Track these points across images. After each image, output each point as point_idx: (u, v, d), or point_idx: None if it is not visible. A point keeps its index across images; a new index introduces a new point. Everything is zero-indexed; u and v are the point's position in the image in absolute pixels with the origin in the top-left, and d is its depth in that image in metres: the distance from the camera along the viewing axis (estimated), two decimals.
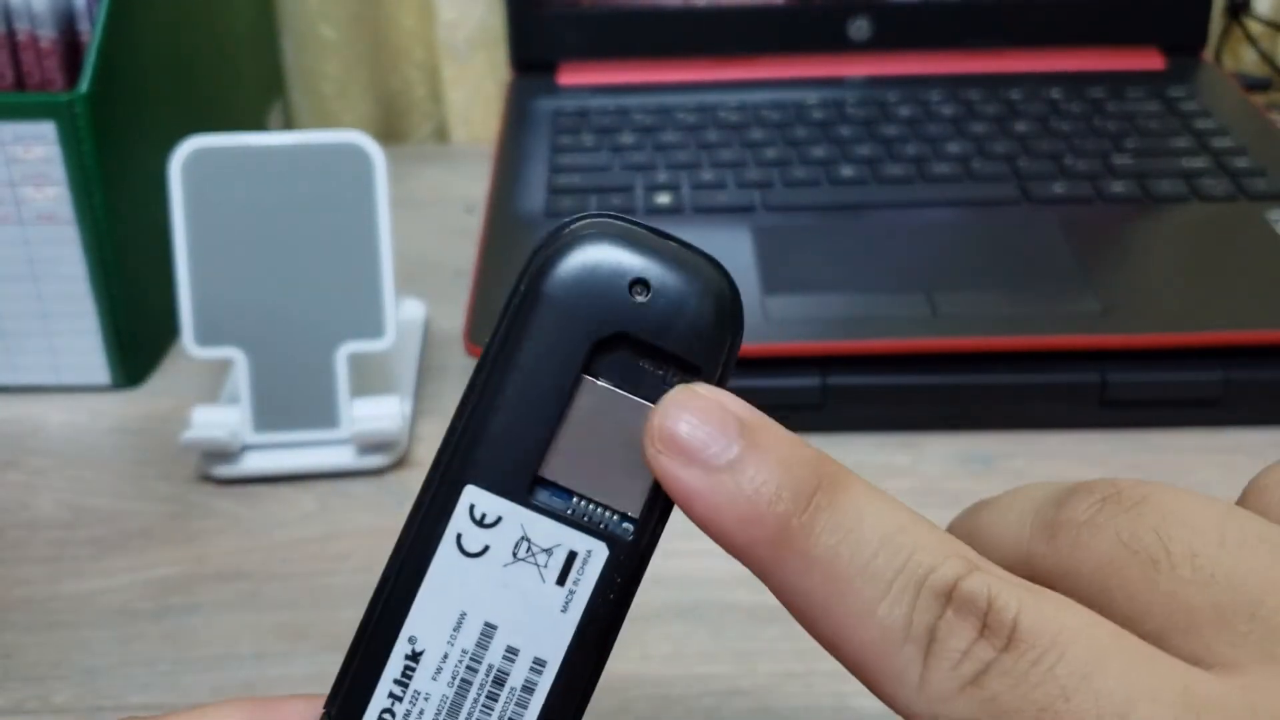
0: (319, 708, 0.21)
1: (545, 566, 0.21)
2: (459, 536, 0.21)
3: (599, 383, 0.21)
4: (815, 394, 0.46)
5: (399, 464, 0.46)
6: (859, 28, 0.65)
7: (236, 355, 0.44)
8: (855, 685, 0.37)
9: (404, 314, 0.53)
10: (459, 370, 0.51)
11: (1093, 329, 0.46)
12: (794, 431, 0.51)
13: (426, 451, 0.47)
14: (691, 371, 0.21)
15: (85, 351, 0.50)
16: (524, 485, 0.21)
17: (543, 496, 0.21)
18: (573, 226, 0.21)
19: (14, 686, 0.37)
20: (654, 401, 0.21)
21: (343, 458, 0.45)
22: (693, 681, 0.36)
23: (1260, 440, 0.46)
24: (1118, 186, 0.54)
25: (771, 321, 0.47)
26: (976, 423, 0.47)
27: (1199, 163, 0.56)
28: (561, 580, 0.21)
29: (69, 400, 0.50)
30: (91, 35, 0.47)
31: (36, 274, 0.48)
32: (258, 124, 0.68)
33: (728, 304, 0.21)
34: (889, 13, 0.65)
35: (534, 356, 0.21)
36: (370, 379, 0.47)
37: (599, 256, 0.21)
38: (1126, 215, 0.53)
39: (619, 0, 0.65)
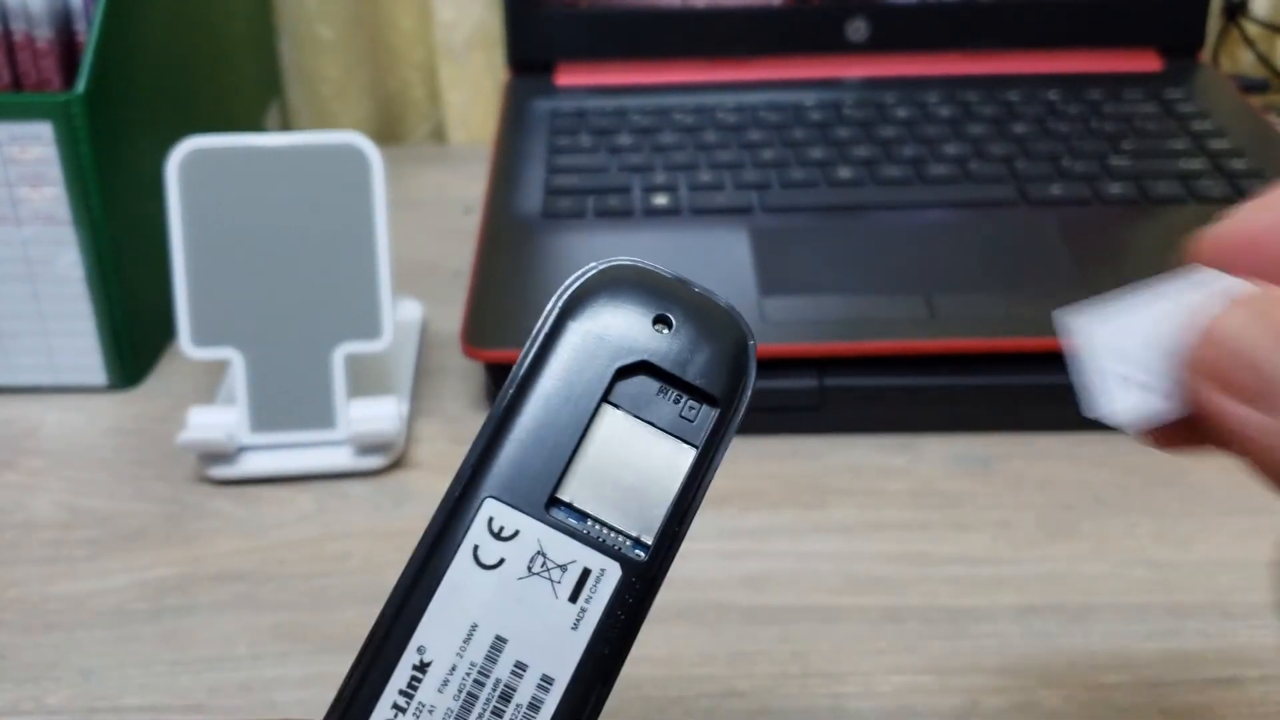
0: None
1: (559, 582, 0.21)
2: (475, 548, 0.21)
3: (619, 410, 0.22)
4: (813, 395, 0.46)
5: (396, 465, 0.46)
6: (856, 29, 0.65)
7: (234, 356, 0.44)
8: (852, 686, 0.37)
9: (401, 315, 0.53)
10: (456, 371, 0.51)
11: None
12: (791, 433, 0.51)
13: (424, 452, 0.47)
14: (709, 403, 0.22)
15: (82, 352, 0.50)
16: (542, 502, 0.21)
17: (560, 514, 0.21)
18: (601, 266, 0.23)
19: (8, 688, 0.37)
20: (670, 431, 0.22)
21: (340, 458, 0.45)
22: (689, 682, 0.36)
23: None
24: (1115, 188, 0.54)
25: (769, 323, 0.47)
26: (974, 424, 0.47)
27: (1196, 164, 0.56)
28: (574, 597, 0.21)
29: (66, 401, 0.50)
30: (88, 35, 0.47)
31: (33, 274, 0.48)
32: (255, 125, 0.68)
33: (744, 344, 0.23)
34: (886, 14, 0.65)
35: (559, 381, 0.22)
36: (367, 380, 0.47)
37: (625, 292, 0.23)
38: (1124, 217, 0.53)
39: (617, 1, 0.65)
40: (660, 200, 0.54)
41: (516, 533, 0.21)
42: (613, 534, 0.21)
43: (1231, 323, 0.20)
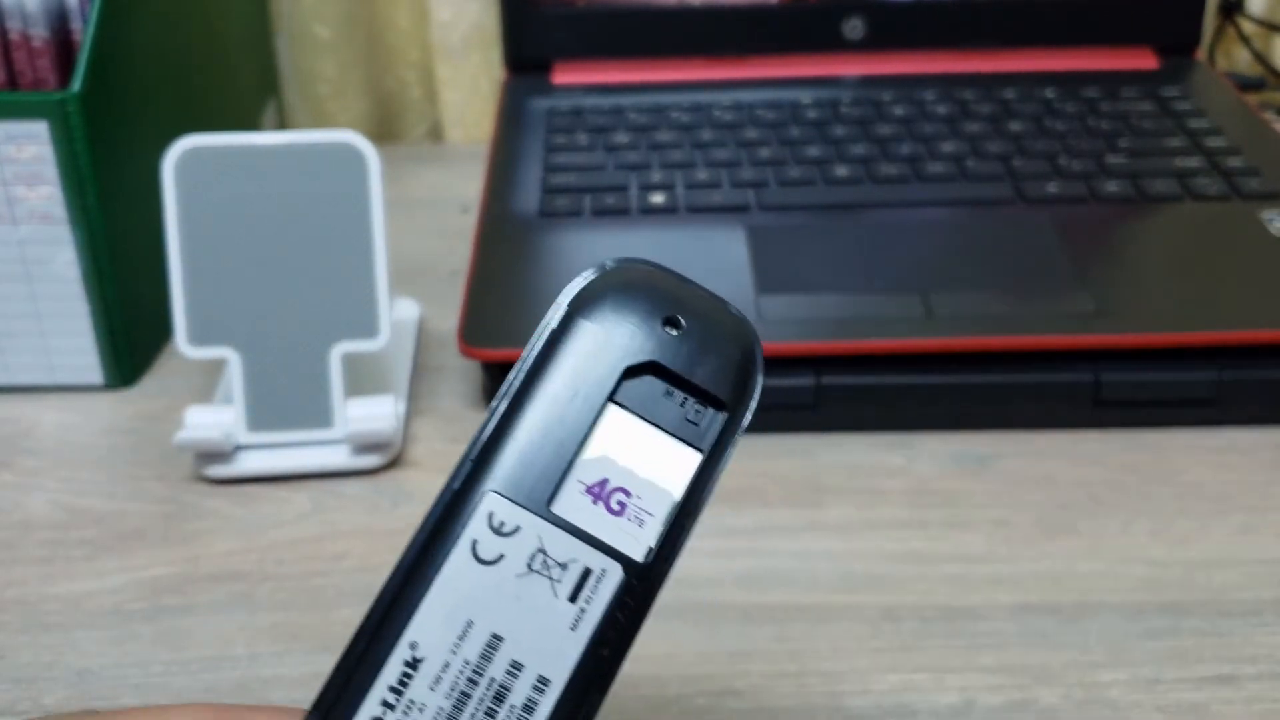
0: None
1: (559, 581, 0.21)
2: (475, 543, 0.21)
3: (625, 411, 0.22)
4: (809, 394, 0.46)
5: (393, 464, 0.46)
6: (853, 27, 0.65)
7: (230, 355, 0.44)
8: (849, 685, 0.37)
9: (398, 314, 0.53)
10: (453, 370, 0.51)
11: (1087, 329, 0.46)
12: (788, 432, 0.51)
13: (421, 452, 0.47)
14: (716, 407, 0.22)
15: (79, 351, 0.50)
16: (545, 499, 0.21)
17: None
18: (612, 265, 0.22)
19: (6, 688, 0.37)
20: (675, 434, 0.22)
21: (337, 458, 0.45)
22: (687, 681, 0.36)
23: (1254, 440, 0.46)
24: (1112, 186, 0.54)
25: (766, 321, 0.47)
26: (971, 423, 0.47)
27: (1193, 162, 0.56)
28: (574, 597, 0.21)
29: (62, 400, 0.50)
30: (84, 34, 0.47)
31: (30, 274, 0.48)
32: (252, 124, 0.68)
33: (752, 349, 0.22)
34: (883, 12, 0.65)
35: (565, 378, 0.22)
36: (364, 379, 0.47)
37: (635, 292, 0.22)
38: (1120, 215, 0.53)
39: (613, 0, 0.65)
40: (657, 199, 0.54)
41: (517, 529, 0.21)
42: (615, 534, 0.21)
43: None
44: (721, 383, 0.22)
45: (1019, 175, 0.56)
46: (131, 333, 0.50)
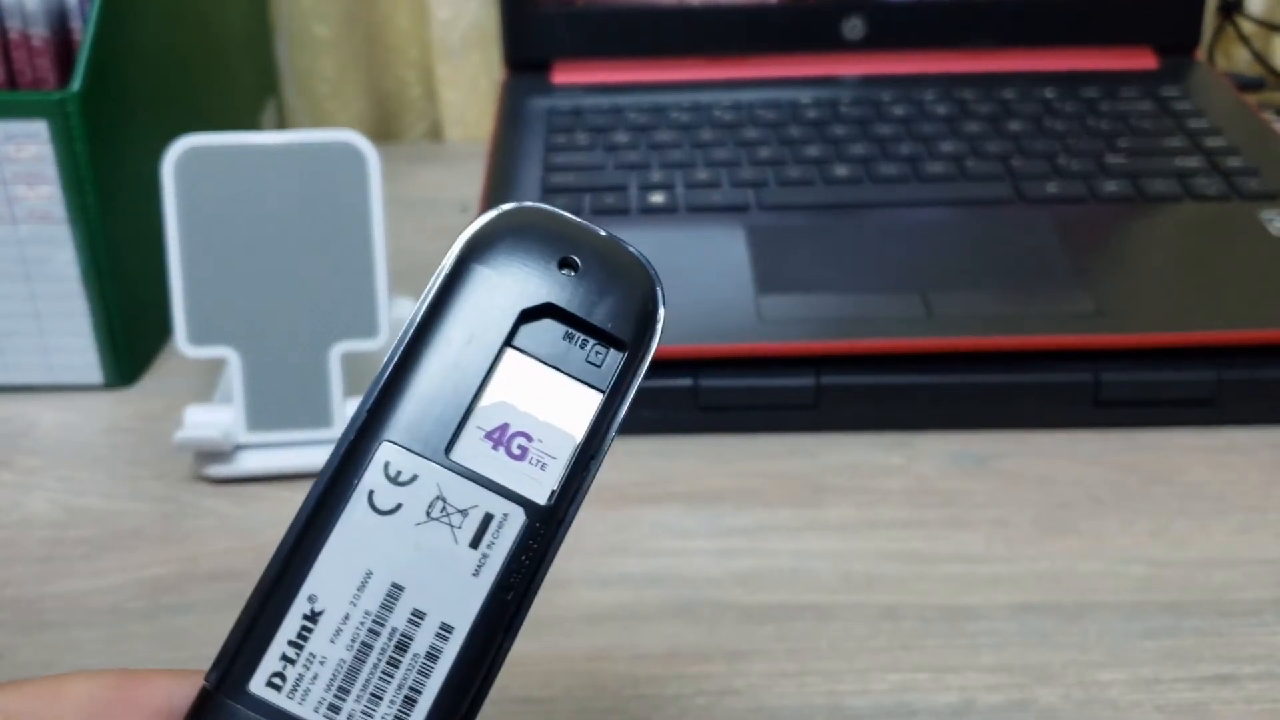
0: (193, 683, 0.20)
1: (459, 528, 0.21)
2: (371, 493, 0.21)
3: (523, 355, 0.22)
4: (809, 394, 0.46)
5: None
6: (853, 27, 0.65)
7: (230, 355, 0.44)
8: (848, 684, 0.37)
9: (397, 313, 0.53)
10: None
11: (1086, 329, 0.46)
12: (787, 432, 0.51)
13: None
14: (617, 347, 0.22)
15: (78, 351, 0.50)
16: (443, 446, 0.21)
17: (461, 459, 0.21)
18: (505, 209, 0.22)
19: None
20: (575, 376, 0.21)
21: None
22: (686, 681, 0.36)
23: (1253, 439, 0.46)
24: (1111, 186, 0.54)
25: (766, 321, 0.47)
26: (970, 422, 0.47)
27: (1192, 162, 0.56)
28: (475, 543, 0.20)
29: (62, 400, 0.50)
30: (84, 34, 0.47)
31: (29, 273, 0.48)
32: (251, 123, 0.68)
33: (652, 288, 0.22)
34: (883, 12, 0.65)
35: (461, 324, 0.21)
36: (364, 378, 0.47)
37: (529, 234, 0.22)
38: (1120, 215, 0.53)
39: None
40: (657, 198, 0.54)
41: (415, 477, 0.21)
42: (516, 479, 0.21)
43: None
44: (622, 322, 0.22)
45: (1018, 175, 0.55)
46: (131, 332, 0.50)
